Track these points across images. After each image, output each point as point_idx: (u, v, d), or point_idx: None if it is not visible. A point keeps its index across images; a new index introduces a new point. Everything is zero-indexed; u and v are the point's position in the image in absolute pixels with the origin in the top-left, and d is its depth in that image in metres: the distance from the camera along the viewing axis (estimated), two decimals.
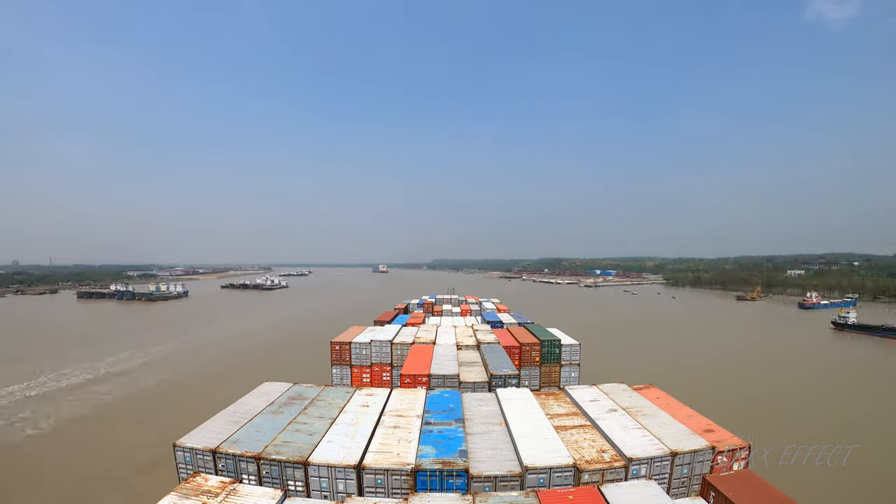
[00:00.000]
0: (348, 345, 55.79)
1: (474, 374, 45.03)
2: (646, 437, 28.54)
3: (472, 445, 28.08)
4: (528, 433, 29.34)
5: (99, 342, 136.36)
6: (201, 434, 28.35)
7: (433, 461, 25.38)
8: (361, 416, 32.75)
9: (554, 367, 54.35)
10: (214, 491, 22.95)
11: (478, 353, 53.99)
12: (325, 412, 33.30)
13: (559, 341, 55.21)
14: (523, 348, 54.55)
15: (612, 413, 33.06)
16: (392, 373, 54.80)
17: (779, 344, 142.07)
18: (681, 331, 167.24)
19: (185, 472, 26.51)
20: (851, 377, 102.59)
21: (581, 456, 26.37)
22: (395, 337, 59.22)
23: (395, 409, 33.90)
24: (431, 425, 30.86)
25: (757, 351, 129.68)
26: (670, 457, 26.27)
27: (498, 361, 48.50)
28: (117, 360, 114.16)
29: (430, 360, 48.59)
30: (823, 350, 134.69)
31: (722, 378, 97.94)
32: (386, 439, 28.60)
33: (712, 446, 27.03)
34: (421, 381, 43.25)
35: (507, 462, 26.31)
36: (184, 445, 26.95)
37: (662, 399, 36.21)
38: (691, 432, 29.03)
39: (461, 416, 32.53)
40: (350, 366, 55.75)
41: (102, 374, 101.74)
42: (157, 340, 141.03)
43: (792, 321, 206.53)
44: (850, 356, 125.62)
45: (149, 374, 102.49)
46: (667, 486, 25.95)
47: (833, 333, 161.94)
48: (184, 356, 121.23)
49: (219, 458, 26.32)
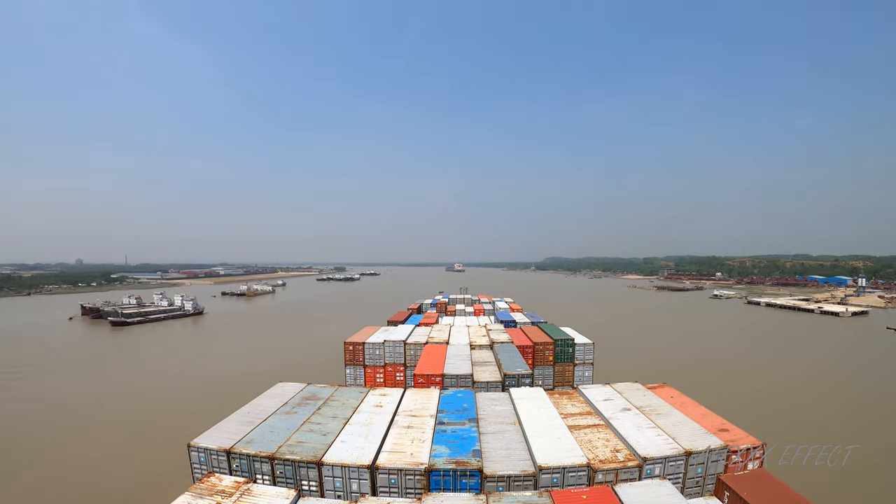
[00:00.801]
0: (362, 345, 56.11)
1: (488, 373, 44.96)
2: (660, 437, 28.21)
3: (486, 445, 28.04)
4: (542, 433, 29.22)
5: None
6: (215, 434, 28.74)
7: (447, 461, 25.40)
8: (375, 416, 32.92)
9: (567, 366, 54.03)
10: (229, 491, 23.28)
11: (491, 352, 53.89)
12: (338, 412, 33.55)
13: (572, 340, 54.85)
14: (536, 348, 54.31)
15: (626, 412, 32.75)
16: (405, 373, 55.01)
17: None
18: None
19: (200, 472, 26.91)
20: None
21: (595, 455, 26.17)
22: (408, 337, 59.43)
23: (408, 409, 34.02)
24: (445, 425, 30.90)
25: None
26: (684, 456, 25.92)
27: (511, 361, 48.35)
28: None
29: (443, 360, 48.66)
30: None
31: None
32: (399, 439, 28.70)
33: (726, 446, 26.62)
34: (434, 380, 43.33)
35: (520, 462, 26.21)
36: (198, 445, 27.34)
37: (676, 398, 35.74)
38: (705, 431, 28.61)
39: (475, 416, 32.52)
40: (364, 366, 56.08)
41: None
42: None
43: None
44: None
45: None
46: (681, 485, 25.61)
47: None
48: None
49: (233, 458, 26.67)
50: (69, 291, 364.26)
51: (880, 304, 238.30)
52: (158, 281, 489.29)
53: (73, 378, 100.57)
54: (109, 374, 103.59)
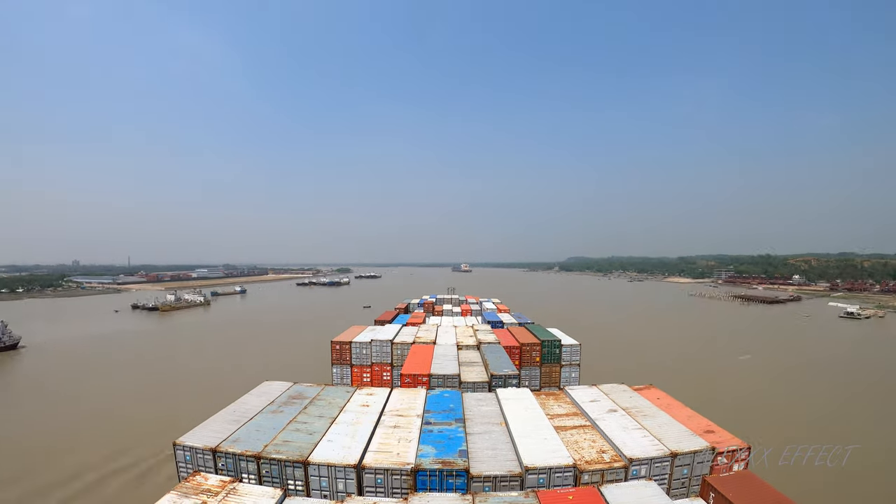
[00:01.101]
0: (348, 344, 55.78)
1: (475, 374, 45.01)
2: (646, 438, 28.52)
3: (472, 445, 28.06)
4: (528, 433, 29.33)
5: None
6: (201, 433, 28.35)
7: (433, 461, 25.37)
8: (362, 415, 32.75)
9: (554, 367, 54.31)
10: (214, 490, 22.96)
11: (478, 353, 53.96)
12: (325, 411, 33.31)
13: (559, 341, 55.16)
14: (524, 348, 54.52)
15: (613, 413, 33.05)
16: (392, 372, 54.77)
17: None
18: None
19: (185, 471, 26.53)
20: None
21: (581, 456, 26.35)
22: (395, 337, 59.21)
23: (395, 409, 33.91)
24: (431, 425, 30.86)
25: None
26: (670, 457, 26.25)
27: (498, 361, 48.47)
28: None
29: (430, 360, 48.57)
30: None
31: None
32: (386, 439, 28.60)
33: (712, 447, 27.01)
34: (421, 380, 43.24)
35: (507, 462, 26.29)
36: (184, 444, 26.96)
37: (663, 399, 36.16)
38: (691, 433, 29.01)
39: (461, 416, 32.52)
40: (350, 365, 55.74)
41: None
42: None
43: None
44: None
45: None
46: (667, 486, 25.92)
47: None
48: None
49: (219, 457, 26.33)
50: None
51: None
52: (105, 286, 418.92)
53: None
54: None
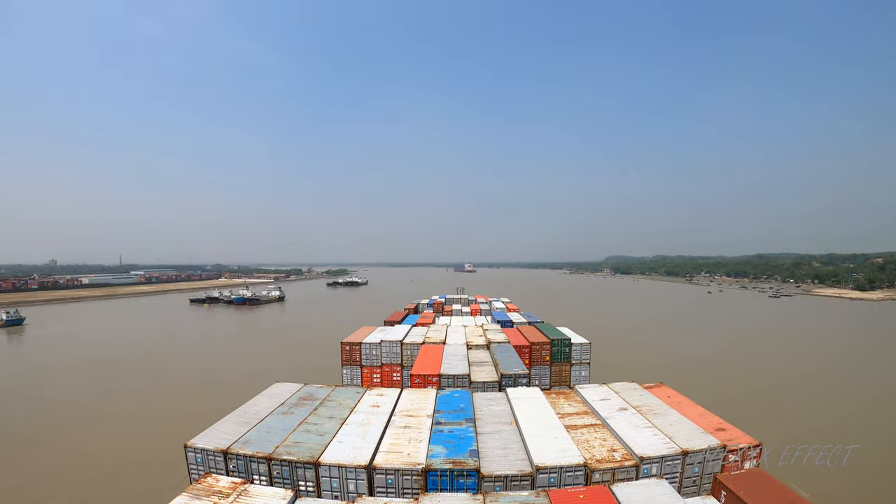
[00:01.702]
0: (358, 345, 56.03)
1: (484, 373, 44.99)
2: (657, 436, 28.30)
3: (483, 445, 28.04)
4: (539, 432, 29.23)
5: None
6: (212, 435, 28.62)
7: (444, 461, 25.39)
8: (372, 416, 32.86)
9: (564, 365, 54.13)
10: (225, 491, 23.18)
11: (488, 352, 53.92)
12: (335, 412, 33.48)
13: (569, 340, 54.96)
14: (533, 347, 54.38)
15: (623, 412, 32.83)
16: (402, 373, 54.93)
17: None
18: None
19: (197, 473, 26.80)
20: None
21: (592, 455, 26.22)
22: (405, 337, 59.36)
23: (405, 409, 33.98)
24: (442, 425, 30.88)
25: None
26: (681, 456, 26.01)
27: (508, 361, 48.40)
28: None
29: (440, 360, 48.63)
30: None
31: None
32: (396, 439, 28.67)
33: (723, 445, 26.74)
34: (431, 381, 43.30)
35: (517, 461, 26.24)
36: (195, 446, 27.22)
37: (673, 397, 35.88)
38: (702, 431, 28.72)
39: (471, 416, 32.51)
40: (360, 366, 56.00)
41: None
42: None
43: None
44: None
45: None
46: (678, 485, 25.69)
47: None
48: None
49: (230, 458, 26.57)
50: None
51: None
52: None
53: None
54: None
